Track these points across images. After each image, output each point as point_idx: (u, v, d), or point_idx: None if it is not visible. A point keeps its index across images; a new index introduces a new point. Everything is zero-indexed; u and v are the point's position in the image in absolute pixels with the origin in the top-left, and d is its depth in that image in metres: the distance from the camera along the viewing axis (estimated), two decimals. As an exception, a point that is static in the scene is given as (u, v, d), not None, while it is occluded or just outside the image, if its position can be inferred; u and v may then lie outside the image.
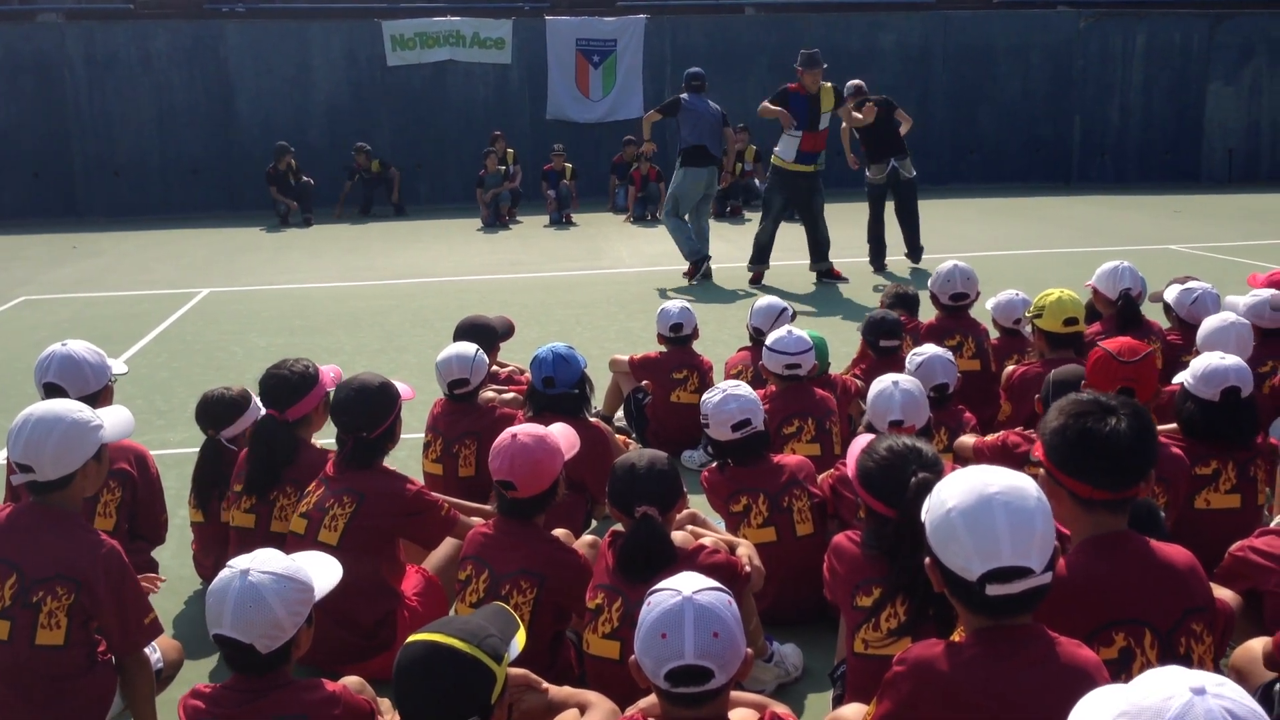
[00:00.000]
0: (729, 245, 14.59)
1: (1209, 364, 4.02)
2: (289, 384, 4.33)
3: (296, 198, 18.60)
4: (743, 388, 4.36)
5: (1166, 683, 1.60)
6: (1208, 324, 4.93)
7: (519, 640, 2.54)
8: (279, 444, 4.30)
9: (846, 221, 13.46)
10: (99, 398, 4.19)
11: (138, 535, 4.36)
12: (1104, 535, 2.72)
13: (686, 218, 12.12)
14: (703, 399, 4.42)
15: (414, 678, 2.39)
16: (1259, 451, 4.12)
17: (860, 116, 11.86)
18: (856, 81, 12.37)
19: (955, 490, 2.35)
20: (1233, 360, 4.04)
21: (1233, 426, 4.03)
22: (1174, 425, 4.15)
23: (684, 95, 11.98)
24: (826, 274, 11.83)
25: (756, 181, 19.28)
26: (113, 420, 3.53)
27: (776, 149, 11.63)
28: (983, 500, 2.30)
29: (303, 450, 4.35)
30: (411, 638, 2.47)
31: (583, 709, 3.00)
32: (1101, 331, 5.57)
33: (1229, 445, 4.06)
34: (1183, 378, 4.13)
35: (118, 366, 4.54)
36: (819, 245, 11.78)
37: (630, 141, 18.89)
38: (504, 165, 18.75)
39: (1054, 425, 2.76)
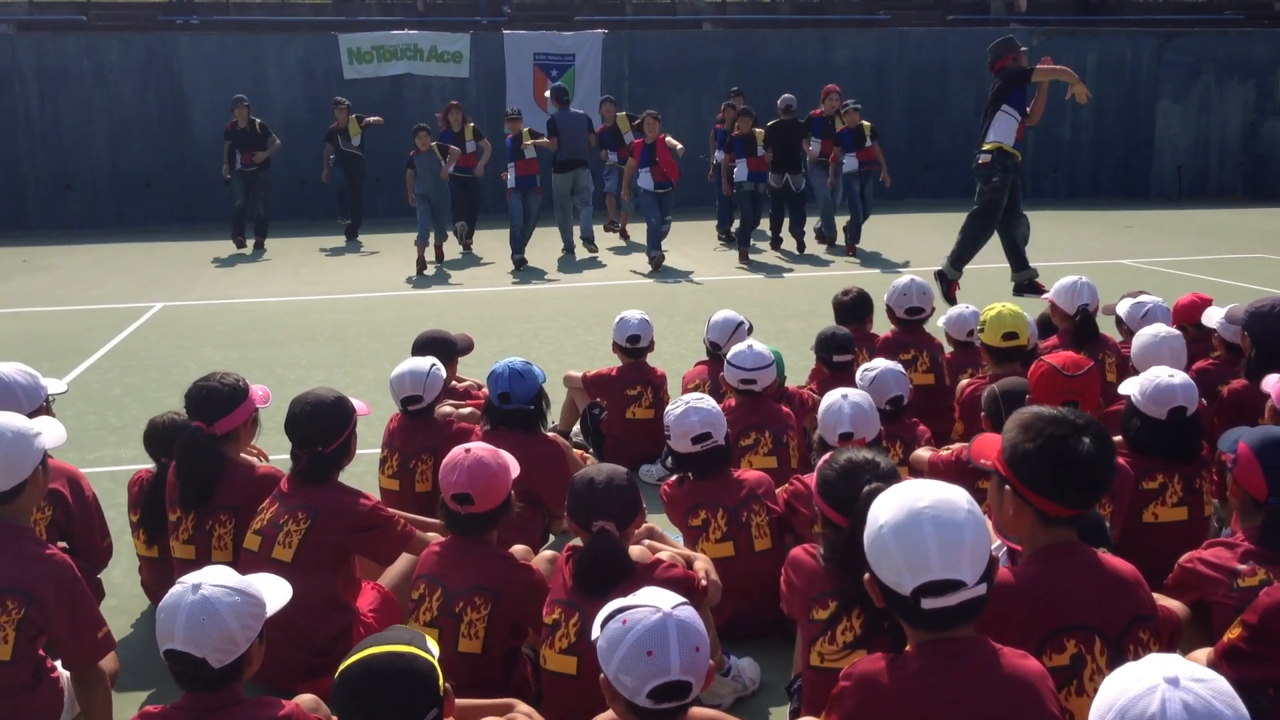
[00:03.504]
0: (684, 258, 14.65)
1: (1157, 382, 4.06)
2: (218, 396, 4.20)
3: (258, 226, 16.92)
4: (706, 401, 4.36)
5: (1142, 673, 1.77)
6: (1140, 338, 4.98)
7: (433, 642, 2.55)
8: (207, 457, 4.16)
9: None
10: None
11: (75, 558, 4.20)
12: (1056, 545, 2.76)
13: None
14: (666, 410, 4.43)
15: (369, 689, 2.40)
16: (1204, 463, 4.18)
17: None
18: (788, 96, 14.84)
19: (887, 507, 2.39)
20: (1180, 378, 4.08)
21: (1180, 444, 4.09)
22: (1118, 438, 4.19)
23: (555, 113, 14.94)
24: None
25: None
26: (46, 430, 3.51)
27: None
28: (912, 515, 2.34)
29: (230, 467, 4.22)
30: (348, 660, 2.46)
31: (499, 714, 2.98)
32: (1058, 345, 5.64)
33: (1175, 460, 4.12)
34: (1129, 391, 4.17)
35: (55, 386, 4.42)
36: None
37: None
38: (450, 169, 15.45)
39: (1028, 446, 2.73)
